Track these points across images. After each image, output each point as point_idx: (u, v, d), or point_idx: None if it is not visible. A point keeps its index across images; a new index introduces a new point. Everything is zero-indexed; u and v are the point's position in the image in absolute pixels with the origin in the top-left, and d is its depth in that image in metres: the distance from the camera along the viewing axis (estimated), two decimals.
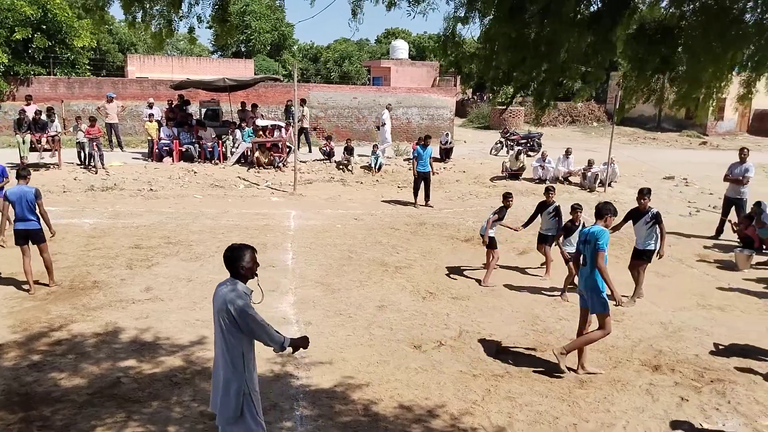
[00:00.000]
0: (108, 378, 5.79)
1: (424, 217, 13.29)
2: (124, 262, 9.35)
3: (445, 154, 19.75)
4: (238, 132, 18.23)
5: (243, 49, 48.26)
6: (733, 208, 11.73)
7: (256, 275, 4.00)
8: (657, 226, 8.01)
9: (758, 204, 10.61)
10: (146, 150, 18.75)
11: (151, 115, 18.36)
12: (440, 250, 10.67)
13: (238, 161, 17.91)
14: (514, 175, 17.76)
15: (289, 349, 3.99)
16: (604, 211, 6.19)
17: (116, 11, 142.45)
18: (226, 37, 5.53)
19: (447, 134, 20.60)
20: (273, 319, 7.21)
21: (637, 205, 8.20)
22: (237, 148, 17.99)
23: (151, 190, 14.85)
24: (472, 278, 9.21)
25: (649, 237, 8.08)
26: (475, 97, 39.06)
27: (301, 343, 4.06)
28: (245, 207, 13.71)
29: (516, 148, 19.37)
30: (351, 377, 5.99)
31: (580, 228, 7.87)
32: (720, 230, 11.90)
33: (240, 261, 3.88)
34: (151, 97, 20.35)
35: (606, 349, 6.77)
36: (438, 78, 42.11)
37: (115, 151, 19.01)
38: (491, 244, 8.96)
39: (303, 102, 19.98)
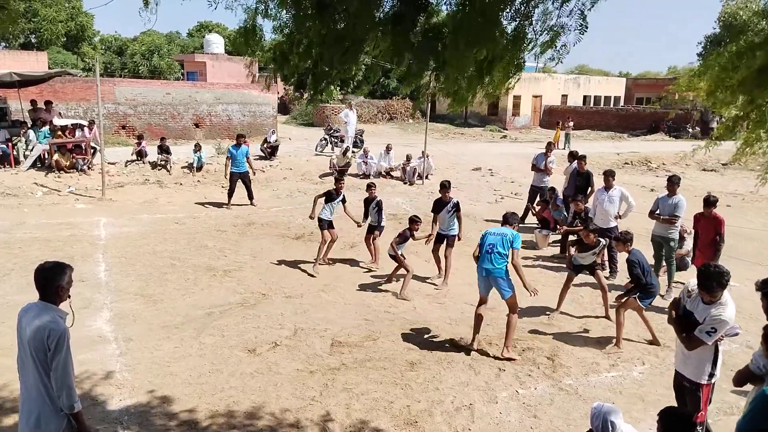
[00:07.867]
0: None
1: (252, 217, 12.96)
2: None
3: (271, 151, 19.48)
4: (31, 133, 16.10)
5: (33, 40, 42.64)
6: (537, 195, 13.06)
7: (69, 296, 3.57)
8: (456, 213, 8.85)
9: (552, 190, 12.06)
10: None
11: None
12: (271, 250, 10.49)
13: (33, 165, 15.83)
14: (341, 171, 18.07)
15: (72, 421, 3.46)
16: (510, 219, 6.94)
17: None
18: (7, 26, 4.82)
19: (273, 131, 20.30)
20: (88, 338, 6.53)
21: (440, 196, 8.99)
22: (31, 150, 15.90)
23: None
24: (306, 274, 9.21)
25: (452, 223, 8.91)
26: (297, 95, 39.05)
27: (83, 426, 3.53)
28: (45, 216, 12.18)
29: (343, 145, 19.73)
30: (181, 391, 5.63)
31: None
32: (525, 215, 13.25)
33: (58, 282, 3.42)
34: None
35: (432, 331, 7.21)
36: (257, 74, 41.29)
37: None
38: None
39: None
